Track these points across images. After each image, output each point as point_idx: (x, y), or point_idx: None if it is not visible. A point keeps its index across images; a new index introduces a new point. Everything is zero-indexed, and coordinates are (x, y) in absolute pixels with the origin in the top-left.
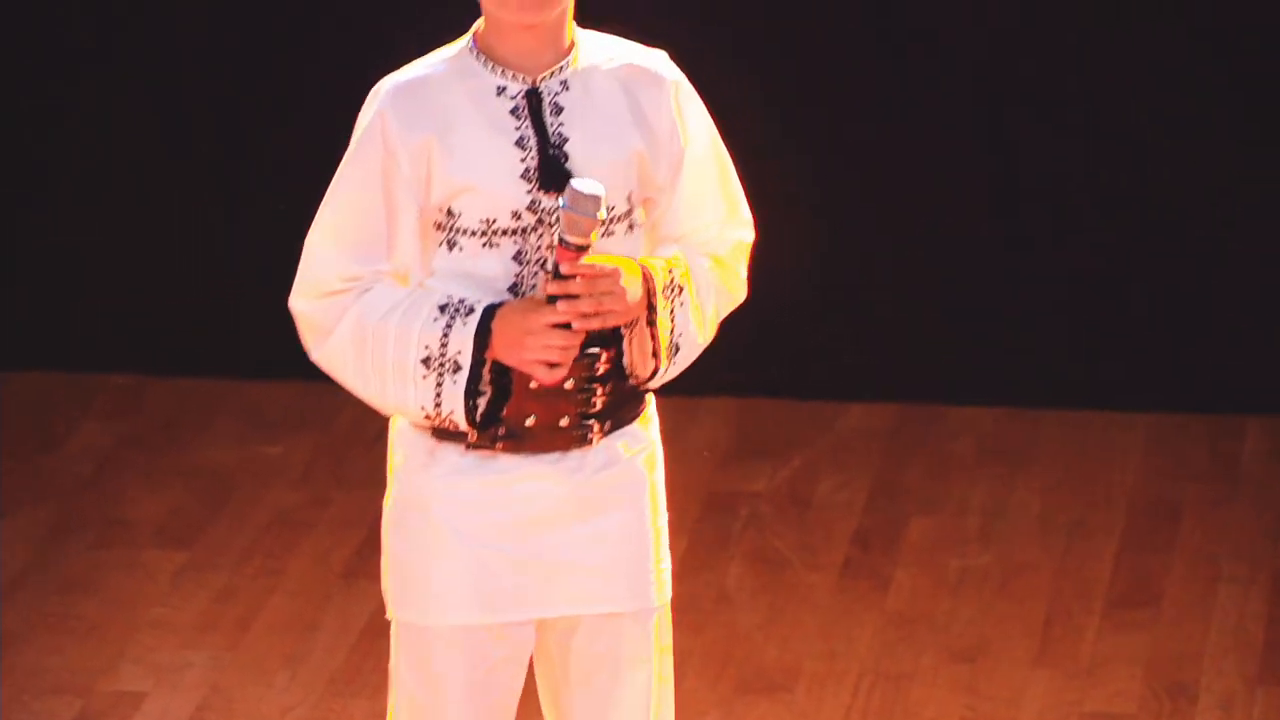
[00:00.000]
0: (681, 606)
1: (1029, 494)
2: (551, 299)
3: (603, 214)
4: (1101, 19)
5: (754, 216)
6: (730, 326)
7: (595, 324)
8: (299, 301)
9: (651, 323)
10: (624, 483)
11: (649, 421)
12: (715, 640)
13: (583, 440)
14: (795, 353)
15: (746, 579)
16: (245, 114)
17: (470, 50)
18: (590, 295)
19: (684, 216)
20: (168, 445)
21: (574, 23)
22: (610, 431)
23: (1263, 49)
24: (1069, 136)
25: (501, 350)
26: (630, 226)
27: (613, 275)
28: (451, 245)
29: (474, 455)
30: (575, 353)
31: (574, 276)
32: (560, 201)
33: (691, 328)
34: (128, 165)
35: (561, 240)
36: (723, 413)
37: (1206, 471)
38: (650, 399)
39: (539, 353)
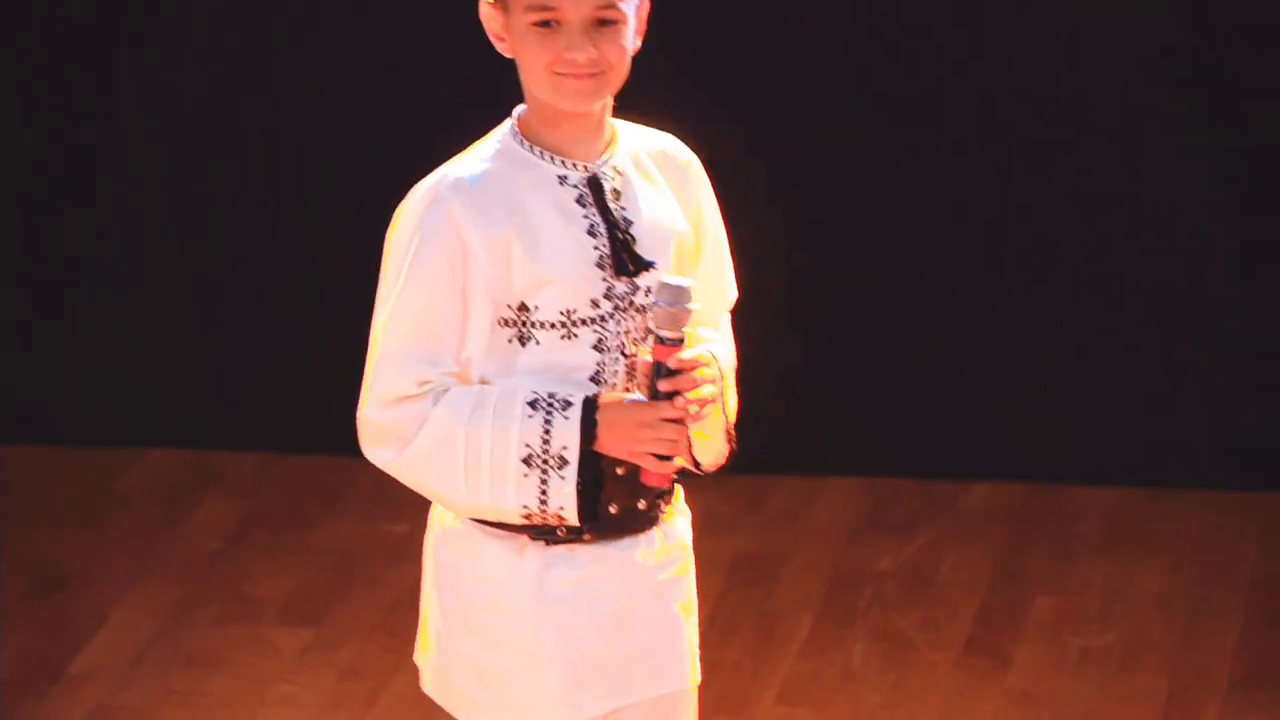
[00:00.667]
0: (805, 684)
1: (1152, 573)
2: (657, 394)
3: (696, 305)
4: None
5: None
6: (857, 405)
7: (702, 415)
8: (372, 411)
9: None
10: (679, 555)
11: (679, 499)
12: (838, 718)
13: (654, 520)
14: (919, 432)
15: (871, 657)
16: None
17: (517, 141)
18: (701, 387)
19: (704, 296)
20: (293, 523)
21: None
22: (669, 504)
23: None
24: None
25: (610, 444)
26: None
27: (710, 364)
28: (525, 340)
29: (560, 549)
30: (686, 443)
31: (681, 371)
32: (652, 299)
33: (729, 411)
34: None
35: (659, 338)
36: (848, 491)
37: None
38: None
39: (652, 445)
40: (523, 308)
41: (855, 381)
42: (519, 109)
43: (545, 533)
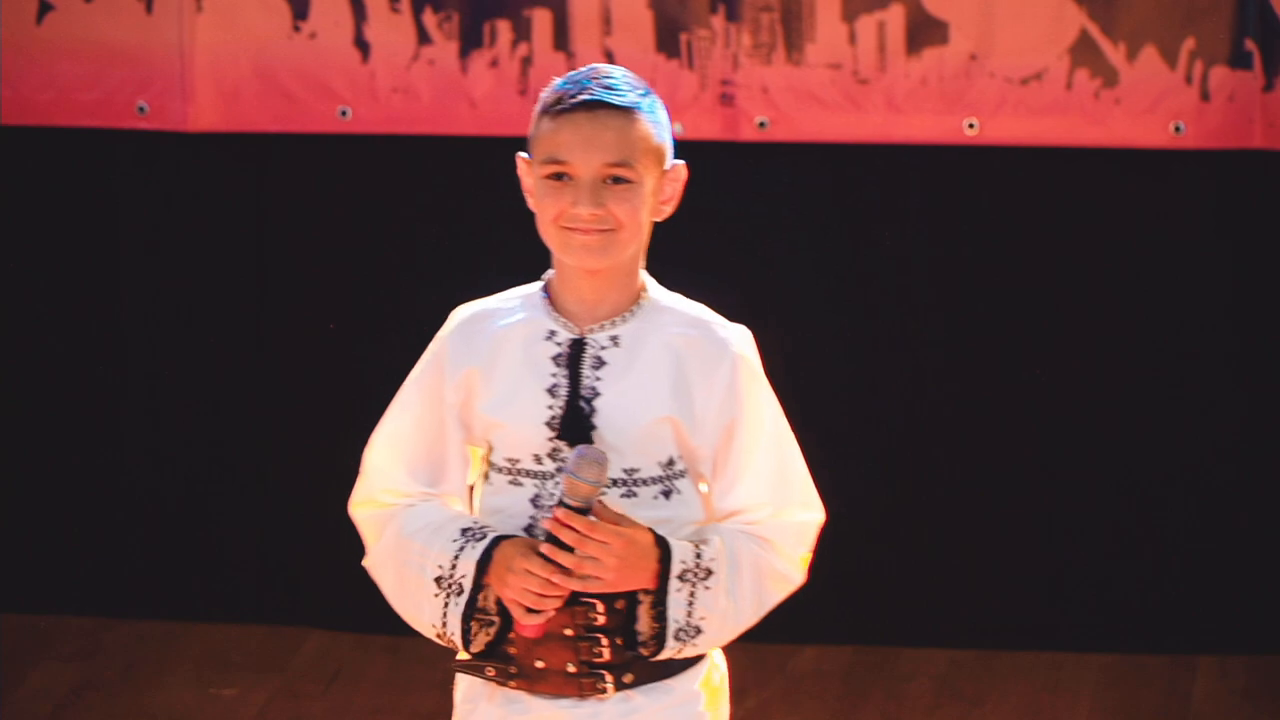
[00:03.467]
0: None
1: None
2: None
3: (601, 483)
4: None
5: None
6: None
7: (575, 584)
8: (356, 510)
9: (658, 603)
10: None
11: (693, 677)
12: None
13: (595, 689)
14: None
15: None
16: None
17: (541, 289)
18: (580, 554)
19: (734, 492)
20: (125, 687)
21: (648, 278)
22: (634, 684)
23: None
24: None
25: (494, 581)
26: (666, 494)
27: (608, 542)
28: (487, 477)
29: (503, 691)
30: (557, 603)
31: (571, 529)
32: (559, 465)
33: (721, 610)
34: (89, 401)
35: (561, 500)
36: None
37: (1159, 711)
38: (706, 661)
39: (516, 594)
40: (489, 446)
41: None
42: None
43: (477, 669)
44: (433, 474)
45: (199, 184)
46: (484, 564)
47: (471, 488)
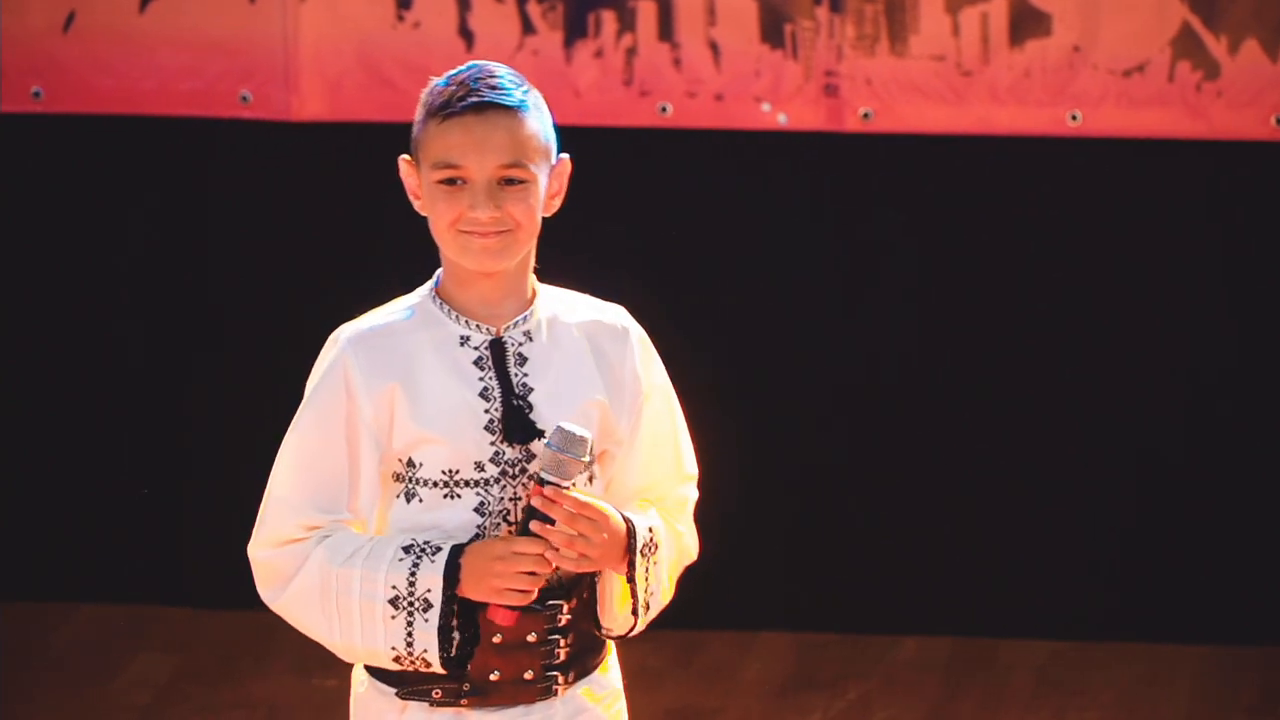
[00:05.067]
0: None
1: None
2: (525, 528)
3: (588, 457)
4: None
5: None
6: (788, 559)
7: (568, 563)
8: (258, 550)
9: (631, 579)
10: None
11: (610, 668)
12: None
13: (547, 692)
14: (850, 587)
15: None
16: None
17: (432, 298)
18: (569, 527)
19: (639, 470)
20: (224, 678)
21: (533, 273)
22: (575, 681)
23: None
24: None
25: (470, 584)
26: (590, 478)
27: (598, 517)
28: (410, 497)
29: (441, 713)
30: (541, 582)
31: (557, 505)
32: (546, 442)
33: (663, 587)
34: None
35: (540, 479)
36: (778, 646)
37: (1258, 704)
38: (610, 644)
39: (509, 581)
40: (410, 463)
41: (789, 535)
42: (441, 268)
43: (422, 695)
44: (340, 501)
45: (302, 174)
46: (452, 574)
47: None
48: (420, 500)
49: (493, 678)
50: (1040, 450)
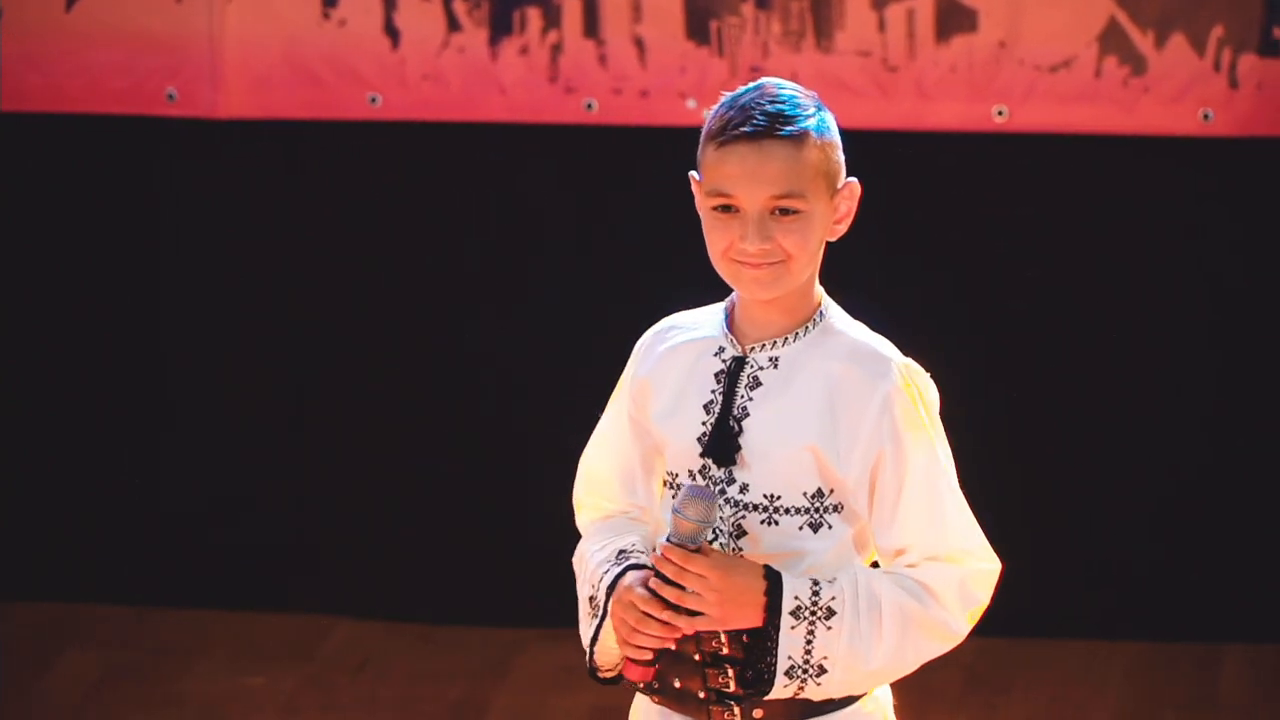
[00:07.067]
0: None
1: None
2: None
3: (699, 519)
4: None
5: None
6: None
7: (681, 622)
8: (575, 507)
9: (766, 637)
10: None
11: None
12: None
13: (724, 718)
14: None
15: None
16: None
17: (726, 306)
18: (680, 587)
19: (889, 531)
20: (155, 675)
21: (828, 302)
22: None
23: None
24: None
25: (613, 609)
26: (814, 526)
27: (706, 575)
28: (667, 486)
29: (648, 702)
30: (657, 643)
31: (670, 562)
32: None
33: (847, 651)
34: (128, 393)
35: (668, 537)
36: None
37: (1188, 701)
38: (862, 700)
39: (618, 624)
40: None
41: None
42: None
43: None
44: (626, 483)
45: (228, 171)
46: (611, 590)
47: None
48: (663, 496)
49: (675, 684)
50: (959, 451)
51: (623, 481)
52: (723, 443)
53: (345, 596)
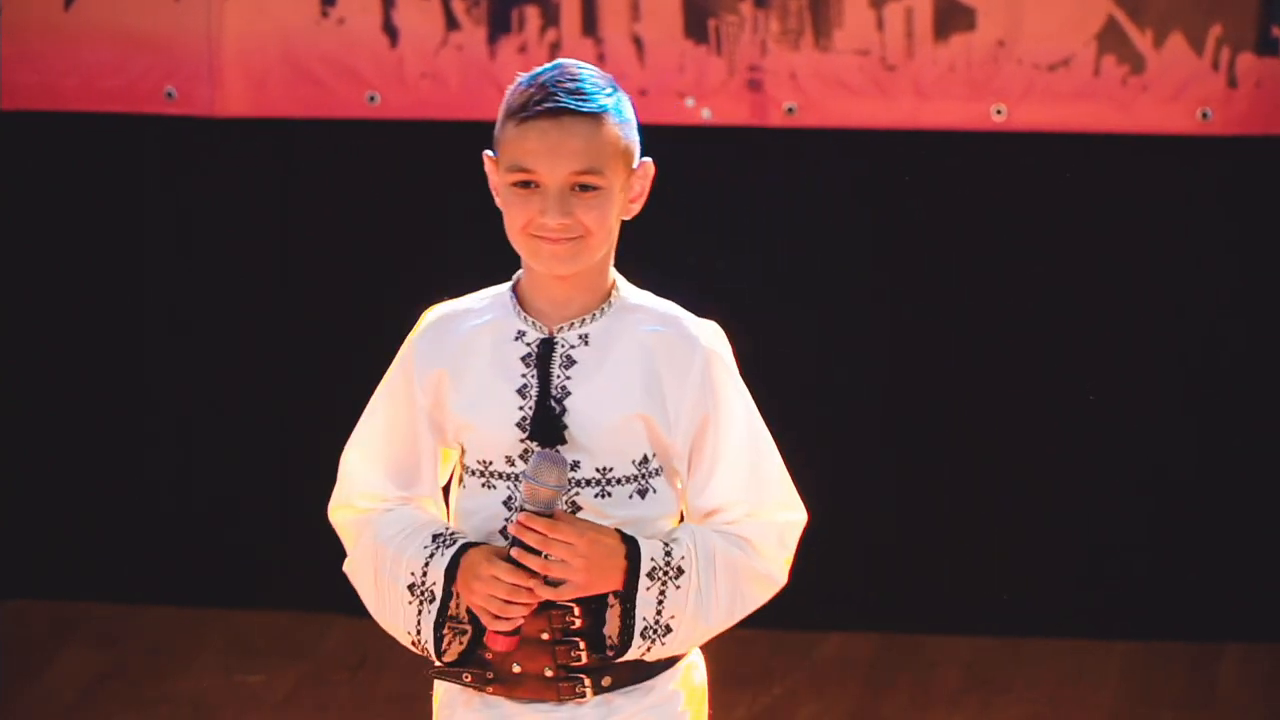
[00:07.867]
0: None
1: None
2: (508, 555)
3: (555, 485)
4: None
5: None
6: None
7: (544, 590)
8: (334, 514)
9: (627, 600)
10: None
11: (669, 678)
12: None
13: (573, 693)
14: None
15: None
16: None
17: (510, 289)
18: (545, 555)
19: (709, 490)
20: (150, 674)
21: (618, 277)
22: (612, 688)
23: None
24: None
25: (462, 589)
26: (641, 493)
27: (572, 542)
28: (461, 481)
29: (480, 696)
30: (524, 611)
31: (534, 531)
32: (523, 470)
33: (692, 609)
34: (115, 396)
35: (522, 505)
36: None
37: (1185, 700)
38: (683, 659)
39: (483, 600)
40: (462, 449)
41: None
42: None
43: (454, 675)
44: (407, 477)
45: (226, 170)
46: (452, 571)
47: (447, 490)
48: (464, 486)
49: (515, 669)
50: (957, 451)
51: (400, 476)
52: (548, 424)
53: (342, 594)
